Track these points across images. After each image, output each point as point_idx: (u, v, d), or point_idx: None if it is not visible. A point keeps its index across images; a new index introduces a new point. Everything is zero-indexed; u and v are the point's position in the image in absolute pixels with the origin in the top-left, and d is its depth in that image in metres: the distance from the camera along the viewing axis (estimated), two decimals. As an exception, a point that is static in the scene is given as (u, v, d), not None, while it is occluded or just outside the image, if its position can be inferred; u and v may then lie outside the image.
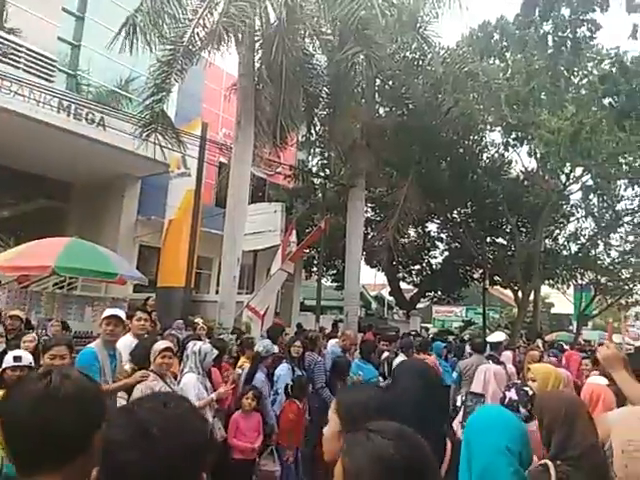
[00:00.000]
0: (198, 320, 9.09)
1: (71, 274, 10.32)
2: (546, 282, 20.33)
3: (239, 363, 6.05)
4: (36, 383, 1.16)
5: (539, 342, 12.67)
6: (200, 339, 5.74)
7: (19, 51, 11.03)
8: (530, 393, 2.85)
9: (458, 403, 3.91)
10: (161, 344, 4.21)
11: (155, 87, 9.73)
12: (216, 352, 4.92)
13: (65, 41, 13.52)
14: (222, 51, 9.57)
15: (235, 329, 9.13)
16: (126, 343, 4.68)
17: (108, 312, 4.29)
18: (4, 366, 3.40)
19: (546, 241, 19.36)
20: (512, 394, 2.89)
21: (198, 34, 9.36)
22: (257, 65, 10.56)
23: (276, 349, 6.32)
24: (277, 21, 9.56)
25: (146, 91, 9.94)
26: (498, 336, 8.67)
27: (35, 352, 4.09)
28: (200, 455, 1.06)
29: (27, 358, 3.43)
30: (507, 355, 9.24)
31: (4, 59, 10.56)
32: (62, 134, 11.04)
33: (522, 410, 2.76)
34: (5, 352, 3.89)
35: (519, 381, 3.44)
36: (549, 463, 1.91)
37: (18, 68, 10.83)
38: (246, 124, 10.24)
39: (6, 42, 10.88)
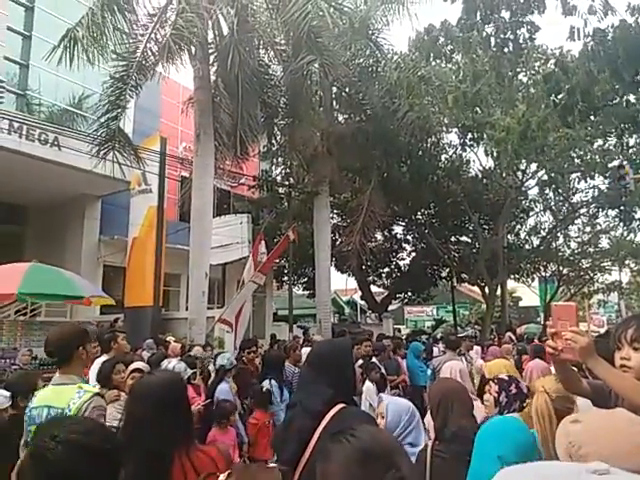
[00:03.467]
0: (170, 338, 8.96)
1: (36, 300, 10.02)
2: (511, 276, 20.86)
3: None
4: None
5: (508, 336, 12.97)
6: (167, 357, 5.65)
7: (-36, 74, 10.73)
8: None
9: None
10: (132, 365, 4.12)
11: (110, 104, 9.60)
12: (190, 371, 4.84)
13: (12, 61, 13.19)
14: (176, 65, 9.55)
15: (207, 344, 9.02)
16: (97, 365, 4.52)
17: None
18: None
19: (508, 236, 19.89)
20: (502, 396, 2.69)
21: (151, 49, 9.31)
22: (213, 78, 10.56)
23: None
24: (230, 32, 9.58)
25: (101, 108, 9.79)
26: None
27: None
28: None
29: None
30: (477, 349, 9.46)
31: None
32: (14, 156, 10.75)
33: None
34: None
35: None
36: (428, 443, 2.27)
37: (-36, 91, 10.54)
38: (205, 137, 10.21)
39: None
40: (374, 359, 7.16)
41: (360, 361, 7.75)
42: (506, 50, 8.24)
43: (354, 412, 1.89)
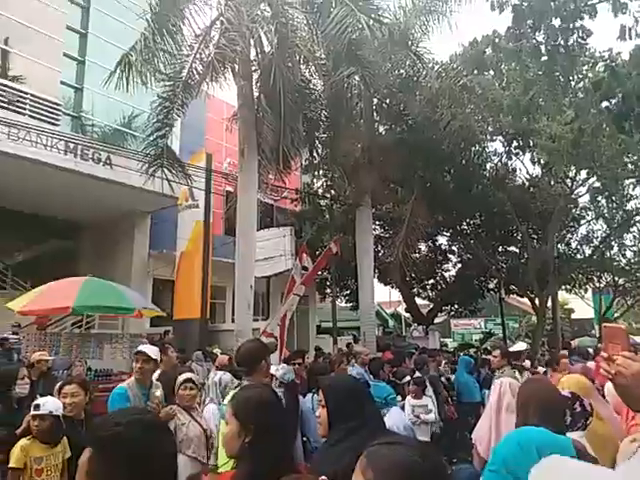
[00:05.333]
0: (216, 350, 9.11)
1: (90, 312, 10.42)
2: (563, 287, 20.07)
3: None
4: None
5: (565, 351, 12.40)
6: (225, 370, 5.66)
7: (24, 98, 11.39)
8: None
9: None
10: (183, 376, 4.16)
11: (158, 123, 9.96)
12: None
13: (68, 85, 13.94)
14: (220, 83, 9.81)
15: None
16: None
17: (138, 348, 4.26)
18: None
19: (559, 246, 19.16)
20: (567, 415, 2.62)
21: (196, 68, 9.61)
22: (256, 94, 10.77)
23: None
24: (271, 49, 9.78)
25: (149, 127, 10.17)
26: (519, 346, 8.54)
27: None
28: None
29: (49, 406, 3.29)
30: (526, 364, 9.13)
31: (10, 107, 10.91)
32: (70, 175, 11.32)
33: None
34: (32, 395, 3.88)
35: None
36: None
37: (24, 114, 11.17)
38: (249, 153, 10.40)
39: (11, 90, 11.25)
40: (417, 374, 7.03)
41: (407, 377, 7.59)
42: (557, 57, 8.02)
43: None
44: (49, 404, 3.32)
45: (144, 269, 14.68)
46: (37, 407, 3.28)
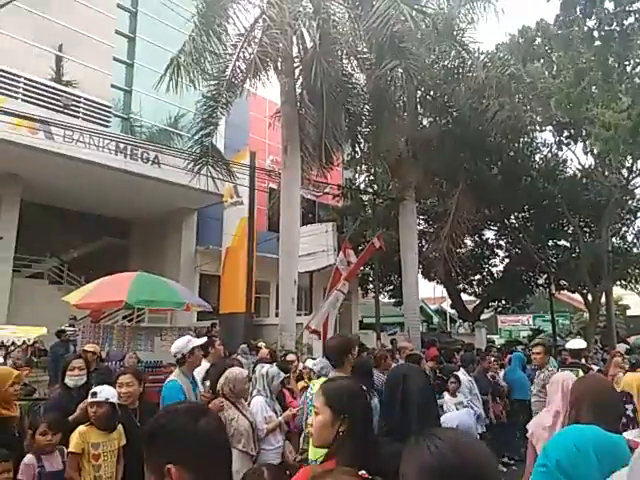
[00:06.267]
0: (261, 344, 9.24)
1: (142, 306, 10.79)
2: (617, 283, 19.19)
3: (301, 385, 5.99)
4: None
5: (622, 347, 11.86)
6: (270, 362, 5.74)
7: (77, 101, 11.90)
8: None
9: None
10: (238, 369, 4.19)
11: (203, 122, 10.16)
12: (283, 375, 4.89)
13: (118, 87, 14.46)
14: (263, 81, 9.91)
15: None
16: (199, 369, 4.68)
17: (200, 341, 4.39)
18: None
19: (613, 240, 18.32)
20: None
21: (239, 67, 9.75)
22: (298, 91, 10.82)
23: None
24: (313, 45, 9.78)
25: (195, 126, 10.40)
26: (578, 343, 8.18)
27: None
28: None
29: (105, 393, 3.42)
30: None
31: (65, 110, 11.42)
32: (120, 175, 11.75)
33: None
34: (87, 385, 4.05)
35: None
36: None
37: (77, 117, 11.67)
38: (292, 149, 10.46)
39: (65, 94, 11.77)
40: (462, 371, 6.79)
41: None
42: (612, 43, 7.63)
43: None
44: (105, 392, 3.43)
45: (191, 264, 15.07)
46: (94, 394, 3.41)
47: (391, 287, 21.16)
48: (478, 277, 21.48)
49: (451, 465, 1.01)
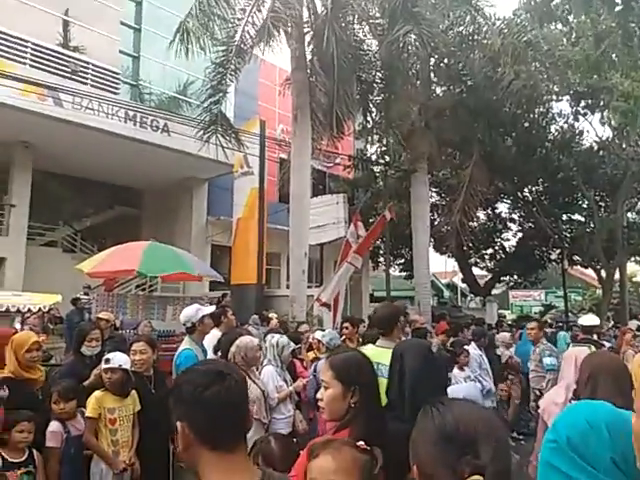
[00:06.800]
0: (272, 315, 9.30)
1: (154, 274, 10.91)
2: (632, 259, 18.96)
3: (311, 355, 6.01)
4: None
5: (634, 324, 11.75)
6: (280, 332, 5.75)
7: (86, 68, 11.78)
8: None
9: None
10: (249, 338, 4.20)
11: (212, 89, 10.04)
12: (293, 345, 4.89)
13: (126, 53, 14.28)
14: (273, 47, 9.71)
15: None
16: (211, 338, 4.70)
17: (209, 309, 4.46)
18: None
19: (628, 214, 18.04)
20: None
21: (248, 32, 9.56)
22: (309, 57, 10.61)
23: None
24: (325, 10, 9.54)
25: (204, 94, 10.27)
26: (591, 319, 8.05)
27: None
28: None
29: (118, 360, 3.50)
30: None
31: (74, 77, 11.33)
32: (130, 143, 11.70)
33: None
34: (101, 353, 4.11)
35: None
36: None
37: (86, 84, 11.57)
38: (302, 118, 10.32)
39: (73, 60, 11.65)
40: (472, 345, 6.75)
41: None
42: (633, 4, 7.31)
43: None
44: (118, 358, 3.52)
45: (203, 235, 15.11)
46: (108, 361, 3.50)
47: (402, 260, 21.11)
48: (490, 251, 21.35)
49: (449, 430, 1.03)
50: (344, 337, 6.26)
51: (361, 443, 1.43)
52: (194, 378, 1.26)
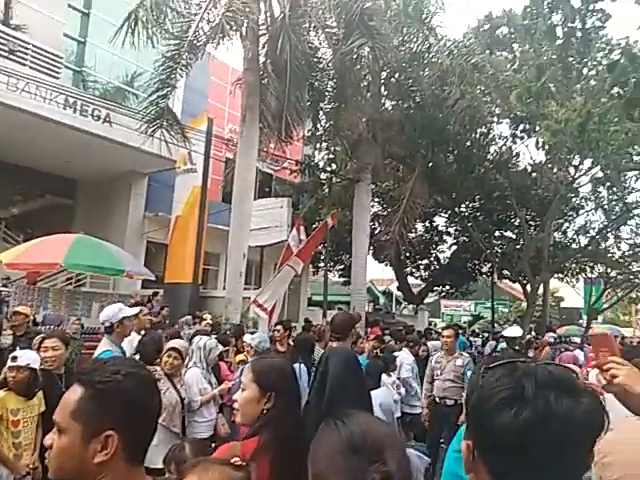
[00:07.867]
0: (206, 316, 9.11)
1: (79, 270, 10.38)
2: (555, 276, 20.19)
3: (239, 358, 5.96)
4: None
5: (549, 336, 12.57)
6: (208, 334, 5.67)
7: (26, 48, 11.06)
8: None
9: None
10: (170, 343, 4.11)
11: (160, 82, 9.72)
12: (221, 347, 4.84)
13: (71, 37, 13.52)
14: (227, 45, 9.55)
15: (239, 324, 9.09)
16: (130, 339, 4.58)
17: (132, 311, 4.16)
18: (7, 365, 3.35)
19: (555, 234, 19.19)
20: None
21: (202, 28, 9.35)
22: (262, 60, 10.52)
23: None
24: (282, 15, 9.50)
25: (151, 87, 9.92)
26: (514, 331, 8.45)
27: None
28: None
29: (27, 358, 3.29)
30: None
31: (11, 56, 10.60)
32: (68, 131, 11.06)
33: None
34: (13, 348, 3.87)
35: None
36: None
37: (25, 65, 10.86)
38: (251, 119, 10.22)
39: (12, 39, 10.91)
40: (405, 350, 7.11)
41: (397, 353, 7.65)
42: (573, 40, 7.83)
43: None
44: (26, 356, 3.31)
45: (139, 231, 14.57)
46: (15, 359, 3.27)
47: (342, 267, 21.38)
48: (425, 262, 22.03)
49: (356, 441, 1.01)
50: (274, 340, 6.30)
51: (235, 459, 1.40)
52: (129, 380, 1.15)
